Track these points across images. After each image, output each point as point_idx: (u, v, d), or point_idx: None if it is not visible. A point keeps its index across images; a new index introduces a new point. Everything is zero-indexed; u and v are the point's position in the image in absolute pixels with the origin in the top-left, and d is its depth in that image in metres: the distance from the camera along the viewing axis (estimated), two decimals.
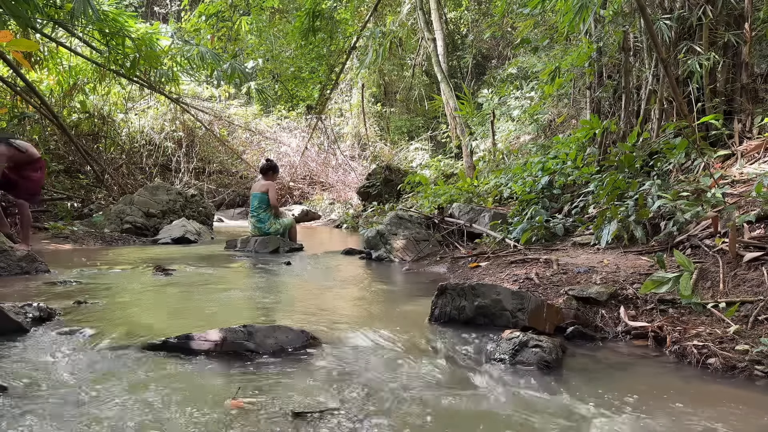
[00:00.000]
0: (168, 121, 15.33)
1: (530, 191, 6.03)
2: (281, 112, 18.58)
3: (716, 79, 5.33)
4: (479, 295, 2.95)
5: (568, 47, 8.19)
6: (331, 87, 15.90)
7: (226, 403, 1.89)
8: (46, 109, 9.88)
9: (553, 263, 3.91)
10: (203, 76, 14.38)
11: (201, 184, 15.68)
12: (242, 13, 15.78)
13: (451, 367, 2.38)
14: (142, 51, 9.00)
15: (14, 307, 2.82)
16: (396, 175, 12.42)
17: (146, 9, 24.38)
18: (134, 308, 3.46)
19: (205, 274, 5.00)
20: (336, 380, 2.16)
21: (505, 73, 13.00)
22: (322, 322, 3.03)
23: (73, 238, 7.62)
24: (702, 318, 2.73)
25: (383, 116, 19.82)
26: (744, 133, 5.03)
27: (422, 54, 16.64)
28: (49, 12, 7.90)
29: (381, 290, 4.29)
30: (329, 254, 6.77)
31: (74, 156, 11.73)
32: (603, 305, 3.00)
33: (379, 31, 12.69)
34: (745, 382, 2.18)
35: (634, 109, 6.17)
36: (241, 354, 2.41)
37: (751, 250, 3.09)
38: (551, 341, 2.42)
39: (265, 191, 7.28)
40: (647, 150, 5.32)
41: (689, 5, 5.35)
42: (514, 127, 11.16)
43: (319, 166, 16.76)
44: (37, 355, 2.38)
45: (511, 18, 12.78)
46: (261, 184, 7.41)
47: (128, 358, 2.37)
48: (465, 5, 16.56)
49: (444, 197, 7.79)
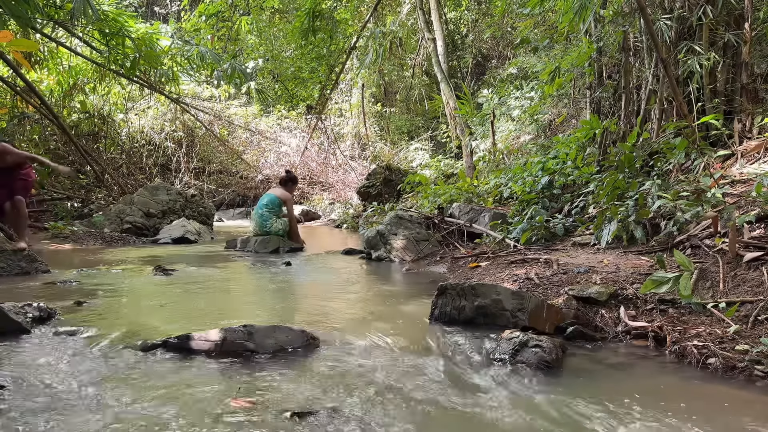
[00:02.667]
0: (168, 121, 15.33)
1: (530, 191, 6.03)
2: (281, 112, 18.58)
3: (716, 79, 5.33)
4: (479, 295, 2.95)
5: (568, 47, 8.19)
6: (331, 87, 15.89)
7: (227, 403, 1.89)
8: (46, 109, 9.89)
9: (553, 263, 3.91)
10: (203, 76, 14.38)
11: (201, 184, 15.68)
12: (242, 13, 15.78)
13: (451, 367, 2.38)
14: (142, 51, 9.00)
15: (14, 307, 2.82)
16: (396, 175, 12.42)
17: (146, 9, 24.39)
18: (134, 308, 3.46)
19: (205, 274, 5.00)
20: (336, 380, 2.16)
21: (505, 73, 13.00)
22: (322, 322, 3.03)
23: (73, 238, 7.62)
24: (702, 318, 2.73)
25: (383, 116, 19.82)
26: (744, 133, 5.03)
27: (422, 54, 16.64)
28: (49, 12, 7.90)
29: (381, 290, 4.29)
30: (329, 254, 6.77)
31: (74, 156, 11.73)
32: (603, 305, 3.00)
33: (379, 31, 12.70)
34: (745, 382, 2.18)
35: (634, 109, 6.16)
36: (241, 354, 2.41)
37: (751, 250, 3.09)
38: (551, 341, 2.42)
39: (283, 199, 7.38)
40: (647, 150, 5.32)
41: (689, 5, 5.35)
42: (514, 127, 11.16)
43: (319, 166, 16.77)
44: (37, 355, 2.38)
45: (511, 18, 12.79)
46: (281, 190, 7.52)
47: (128, 358, 2.37)
48: (465, 5, 16.56)
49: (444, 197, 7.78)
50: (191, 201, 9.85)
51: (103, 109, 13.35)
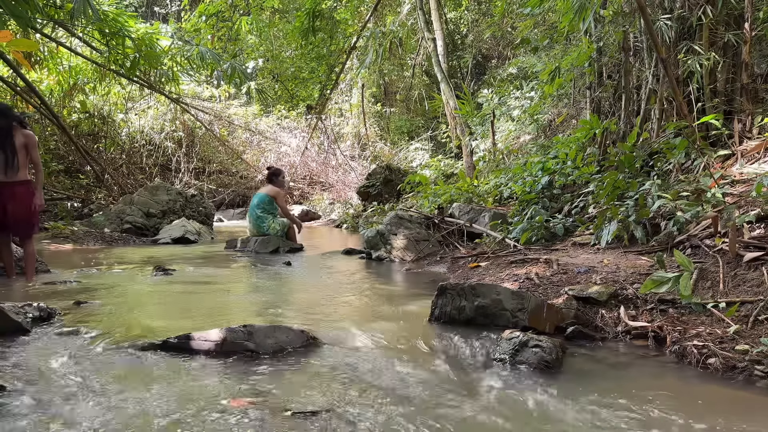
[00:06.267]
0: (168, 121, 15.32)
1: (530, 191, 6.03)
2: (281, 112, 18.58)
3: (716, 79, 5.33)
4: (479, 295, 2.95)
5: (568, 47, 8.19)
6: (331, 87, 15.89)
7: (227, 403, 1.89)
8: (46, 109, 9.89)
9: (553, 263, 3.91)
10: (203, 76, 14.38)
11: (201, 184, 15.67)
12: (242, 13, 15.77)
13: (451, 366, 2.38)
14: (142, 51, 9.00)
15: (14, 307, 2.82)
16: (396, 175, 12.41)
17: (146, 9, 24.37)
18: (134, 308, 3.45)
19: (205, 274, 5.00)
20: (336, 380, 2.16)
21: (505, 73, 13.01)
22: (322, 322, 3.03)
23: (73, 238, 7.62)
24: (702, 318, 2.73)
25: (383, 116, 19.82)
26: (744, 133, 5.02)
27: (422, 54, 16.63)
28: (49, 12, 7.91)
29: (381, 290, 4.29)
30: (329, 254, 6.77)
31: (74, 156, 11.74)
32: (603, 305, 3.00)
33: (379, 31, 12.69)
34: (745, 382, 2.18)
35: (634, 109, 6.16)
36: (242, 354, 2.41)
37: (751, 250, 3.09)
38: (551, 341, 2.42)
39: (272, 195, 7.30)
40: (647, 150, 5.32)
41: (689, 5, 5.35)
42: (514, 127, 11.16)
43: (319, 166, 16.76)
44: (37, 355, 2.38)
45: (511, 18, 12.78)
46: (268, 188, 7.45)
47: (128, 358, 2.37)
48: (465, 5, 16.56)
49: (444, 197, 7.78)
50: (191, 201, 9.85)
51: (103, 109, 13.35)
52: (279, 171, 7.72)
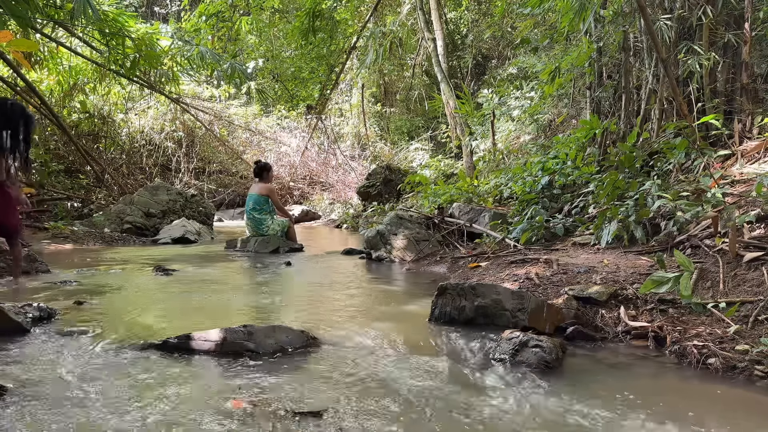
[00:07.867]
0: (168, 121, 15.32)
1: (530, 191, 6.03)
2: (281, 112, 18.58)
3: (716, 79, 5.33)
4: (479, 295, 2.95)
5: (568, 47, 8.19)
6: (331, 87, 15.90)
7: (227, 403, 1.89)
8: (46, 109, 9.89)
9: (553, 263, 3.91)
10: (203, 76, 14.38)
11: (201, 184, 15.67)
12: (242, 13, 15.78)
13: (451, 367, 2.38)
14: (142, 51, 9.00)
15: (14, 307, 2.82)
16: (396, 175, 12.42)
17: (146, 9, 24.38)
18: (134, 308, 3.45)
19: (205, 274, 5.00)
20: (336, 380, 2.16)
21: (505, 73, 13.00)
22: (322, 322, 3.03)
23: (73, 238, 7.62)
24: (702, 318, 2.73)
25: (383, 116, 19.81)
26: (744, 133, 5.02)
27: (422, 54, 16.63)
28: (49, 12, 7.91)
29: (381, 290, 4.29)
30: (329, 254, 6.77)
31: (74, 156, 11.73)
32: (603, 305, 3.00)
33: (379, 31, 12.69)
34: (745, 382, 2.18)
35: (634, 109, 6.16)
36: (242, 354, 2.41)
37: (751, 250, 3.09)
38: (551, 341, 2.42)
39: (264, 194, 7.25)
40: (647, 150, 5.32)
41: (689, 5, 5.35)
42: (514, 127, 11.16)
43: (319, 166, 16.76)
44: (37, 355, 2.38)
45: (511, 18, 12.78)
46: (259, 186, 7.37)
47: (128, 358, 2.37)
48: (465, 5, 16.55)
49: (444, 197, 7.78)
50: (191, 201, 9.85)
51: (103, 109, 13.34)
52: (268, 165, 7.64)
